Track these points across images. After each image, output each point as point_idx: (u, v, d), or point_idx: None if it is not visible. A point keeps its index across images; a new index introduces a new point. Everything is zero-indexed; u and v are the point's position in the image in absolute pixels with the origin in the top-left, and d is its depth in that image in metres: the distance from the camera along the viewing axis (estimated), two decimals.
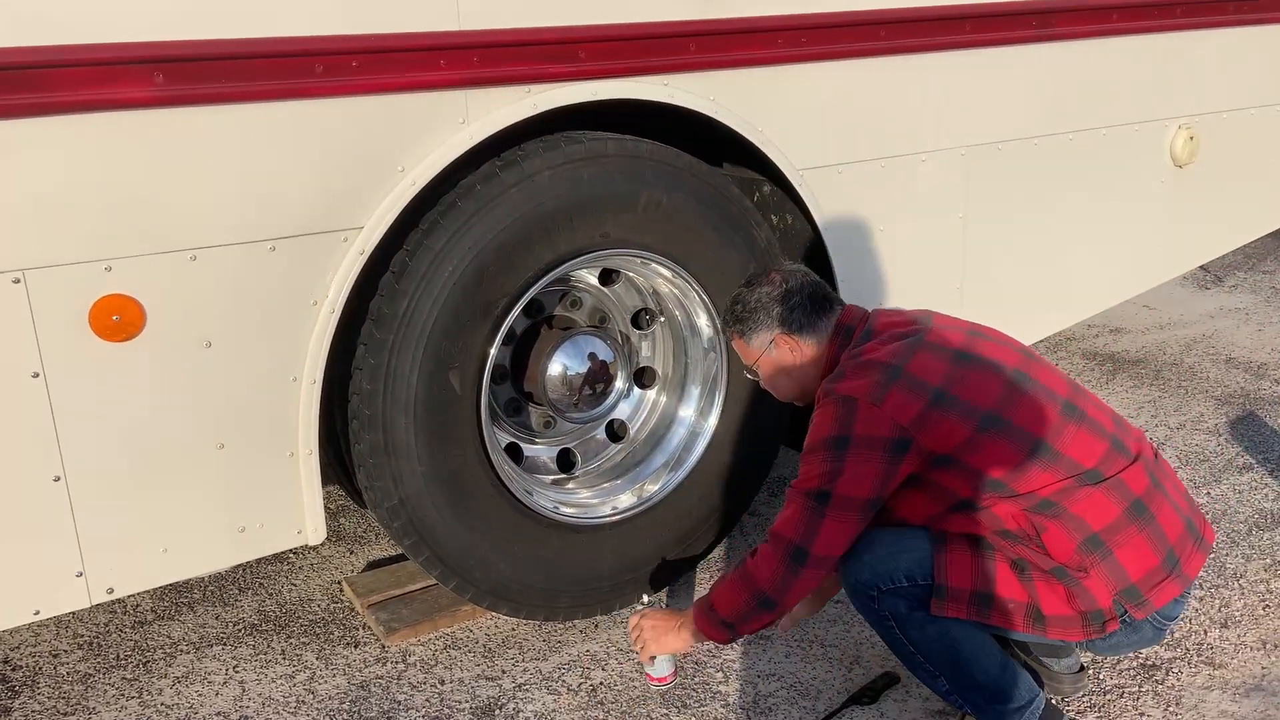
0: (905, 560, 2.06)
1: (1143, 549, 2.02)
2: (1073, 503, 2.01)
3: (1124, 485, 2.04)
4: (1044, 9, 3.01)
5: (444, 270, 2.29)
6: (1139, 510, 2.03)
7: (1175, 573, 2.04)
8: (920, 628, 2.08)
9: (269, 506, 2.28)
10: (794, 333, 2.17)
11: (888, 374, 2.01)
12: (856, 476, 1.98)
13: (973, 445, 2.00)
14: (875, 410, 1.97)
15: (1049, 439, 2.02)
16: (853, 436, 1.98)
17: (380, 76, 2.14)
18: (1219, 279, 5.59)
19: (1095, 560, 2.00)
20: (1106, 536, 2.00)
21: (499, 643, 2.67)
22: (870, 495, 2.00)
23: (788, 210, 2.91)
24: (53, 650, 2.70)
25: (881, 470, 1.98)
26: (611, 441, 2.87)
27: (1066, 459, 2.02)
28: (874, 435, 1.97)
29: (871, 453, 1.98)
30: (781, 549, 2.04)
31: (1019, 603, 2.04)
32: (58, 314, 1.96)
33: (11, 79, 1.82)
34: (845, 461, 1.98)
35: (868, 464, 1.98)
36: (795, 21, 2.59)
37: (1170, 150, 3.45)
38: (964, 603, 2.05)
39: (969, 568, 2.05)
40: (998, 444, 2.00)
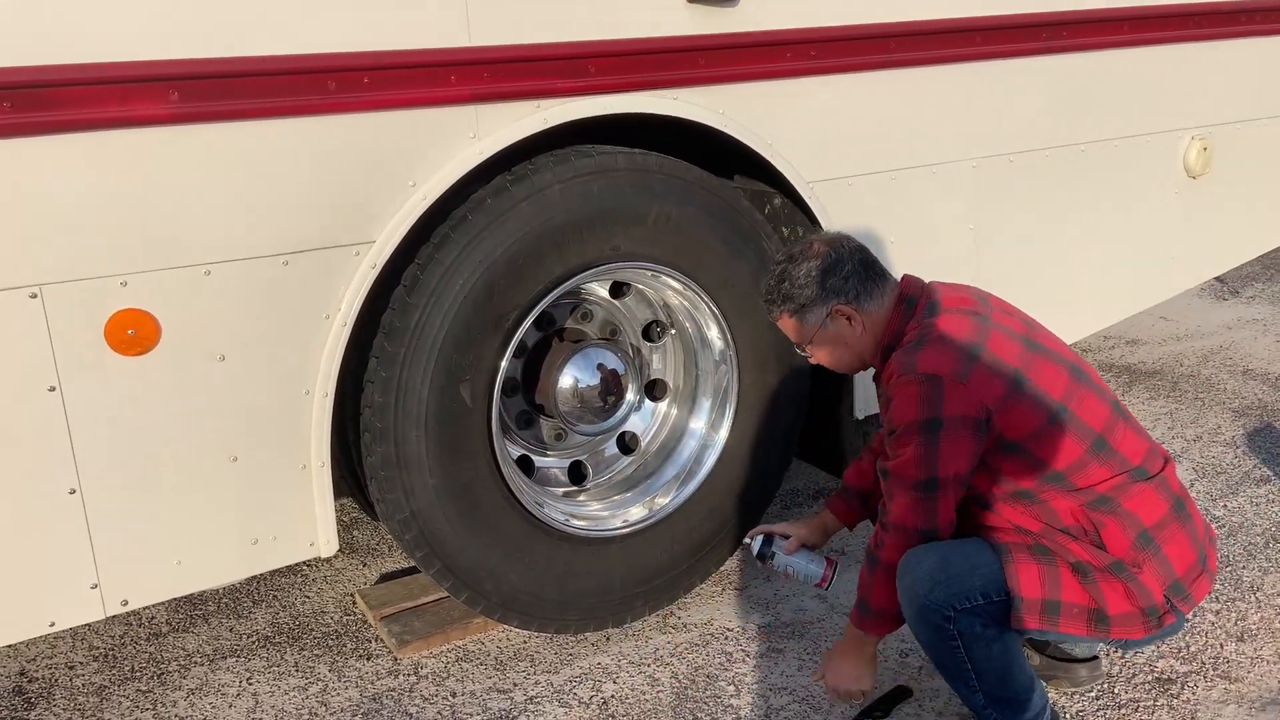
0: (979, 578, 2.04)
1: (1184, 545, 2.07)
2: (1127, 498, 2.05)
3: (1167, 483, 2.10)
4: (1055, 21, 3.01)
5: (455, 284, 2.31)
6: (1180, 508, 2.09)
7: (1205, 568, 2.11)
8: (987, 645, 2.07)
9: (281, 519, 2.29)
10: (851, 301, 2.11)
11: (968, 351, 2.01)
12: (954, 455, 1.99)
13: (1041, 436, 2.02)
14: (962, 389, 1.97)
15: (1105, 434, 2.06)
16: (944, 419, 1.98)
17: (392, 92, 2.16)
18: (1236, 290, 5.56)
19: (1148, 555, 2.04)
20: (1155, 532, 2.05)
21: (510, 655, 2.68)
22: (967, 469, 2.03)
23: (799, 223, 2.91)
24: (68, 662, 2.72)
25: (973, 447, 2.01)
26: (622, 454, 2.88)
27: (1119, 455, 2.06)
28: (964, 415, 1.98)
29: (964, 432, 1.99)
30: (914, 537, 2.06)
31: (1083, 607, 2.05)
32: (74, 328, 1.98)
33: (29, 97, 1.85)
34: (940, 444, 1.98)
35: (961, 442, 1.99)
36: (804, 35, 2.60)
37: (1184, 161, 3.44)
38: (1036, 613, 2.04)
39: (1037, 576, 2.05)
40: (1063, 436, 2.02)
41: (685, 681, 2.55)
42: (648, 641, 2.72)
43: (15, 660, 2.73)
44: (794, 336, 2.20)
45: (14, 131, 1.85)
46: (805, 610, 2.82)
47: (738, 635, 2.73)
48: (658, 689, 2.52)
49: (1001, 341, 2.05)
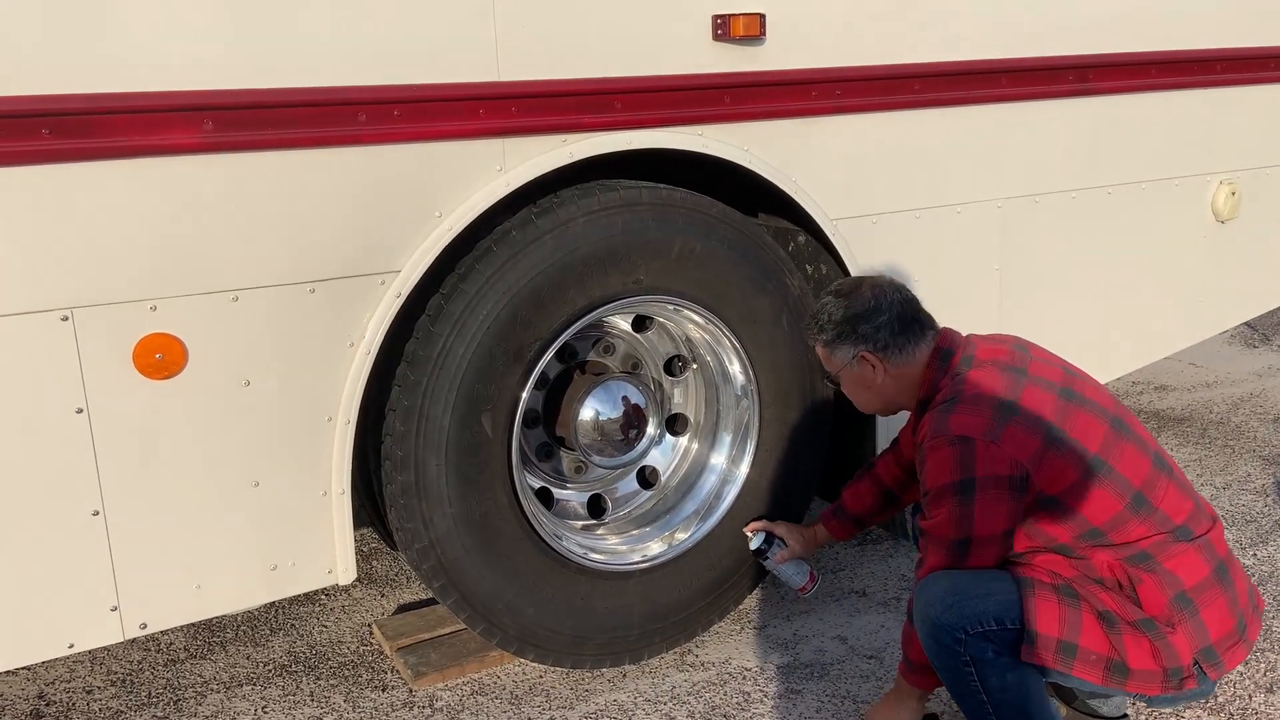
0: (994, 604, 2.03)
1: (1223, 611, 2.03)
2: (1167, 557, 2.02)
3: (1211, 546, 2.06)
4: (1082, 64, 3.02)
5: (478, 314, 2.33)
6: (1223, 572, 2.05)
7: (1243, 637, 2.06)
8: (1001, 674, 2.03)
9: (301, 545, 2.30)
10: (878, 351, 2.18)
11: (1001, 409, 2.01)
12: (989, 515, 2.00)
13: (1078, 491, 2.01)
14: (994, 449, 1.98)
15: (1145, 491, 2.04)
16: (977, 479, 1.98)
17: (421, 125, 2.19)
18: (1267, 337, 5.50)
19: (1184, 617, 2.00)
20: (1195, 595, 2.01)
21: (526, 690, 2.66)
22: (1005, 528, 2.03)
23: (822, 260, 2.92)
24: (86, 686, 2.73)
25: (1011, 506, 2.00)
26: (642, 488, 2.87)
27: (1160, 513, 2.04)
28: (998, 474, 1.98)
29: (999, 491, 1.99)
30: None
31: (1101, 655, 2.02)
32: (103, 351, 2.01)
33: (68, 124, 1.89)
34: (974, 505, 1.99)
35: (997, 503, 1.99)
36: (829, 74, 2.62)
37: (1212, 205, 3.42)
38: (1051, 651, 2.02)
39: (1057, 616, 2.02)
40: (1102, 491, 2.01)
41: None
42: (665, 679, 2.69)
43: (34, 683, 2.74)
44: (824, 365, 2.31)
45: (52, 158, 1.89)
46: (825, 651, 2.79)
47: (756, 675, 2.70)
48: None
49: (1036, 395, 2.04)
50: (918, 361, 2.17)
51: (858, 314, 2.18)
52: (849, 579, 3.15)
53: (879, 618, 2.94)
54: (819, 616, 2.96)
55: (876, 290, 2.20)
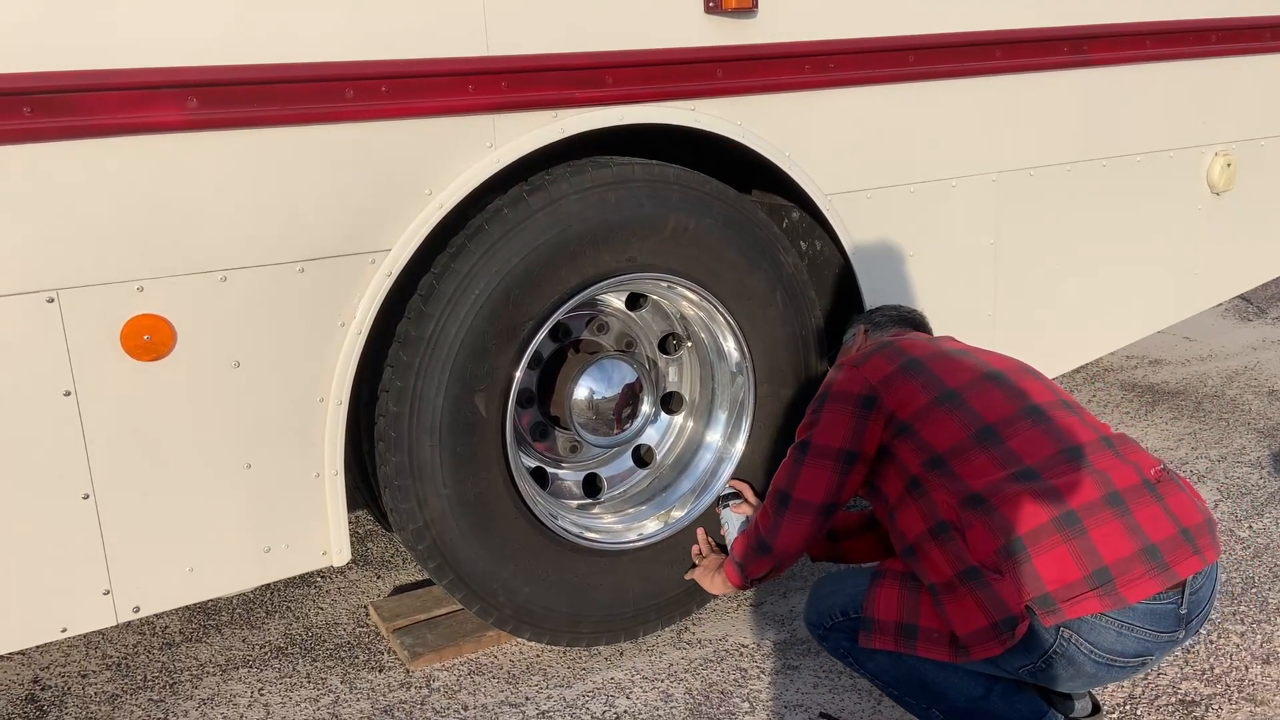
0: (841, 597, 2.17)
1: (1065, 559, 1.91)
2: (1002, 500, 1.97)
3: (1057, 492, 1.95)
4: (1077, 35, 3.00)
5: (470, 293, 2.30)
6: (1070, 520, 1.93)
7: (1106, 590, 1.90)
8: (870, 658, 2.15)
9: (294, 527, 2.28)
10: (869, 328, 2.51)
11: (880, 346, 2.25)
12: (829, 426, 2.17)
13: (926, 415, 2.11)
14: (853, 371, 2.20)
15: (999, 428, 2.06)
16: (830, 392, 2.21)
17: (409, 101, 2.16)
18: (1262, 310, 5.49)
19: (1013, 564, 1.93)
20: (1029, 541, 1.93)
21: (523, 669, 2.65)
22: (841, 446, 2.16)
23: (816, 236, 2.90)
24: (81, 670, 2.72)
25: (851, 423, 2.16)
26: (638, 467, 2.86)
27: (1007, 449, 2.04)
28: (847, 390, 2.18)
29: (843, 405, 2.17)
30: (772, 496, 2.26)
31: (942, 632, 2.03)
32: (90, 333, 1.98)
33: (49, 102, 1.86)
34: (821, 414, 2.20)
35: (839, 415, 2.17)
36: (823, 47, 2.60)
37: (1207, 177, 3.41)
38: (889, 634, 2.09)
39: (895, 600, 2.10)
40: (947, 418, 2.10)
41: (699, 698, 2.51)
42: (662, 656, 2.69)
43: (29, 668, 2.73)
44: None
45: (33, 136, 1.86)
46: None
47: (753, 652, 2.70)
48: (671, 705, 2.49)
49: (917, 341, 2.26)
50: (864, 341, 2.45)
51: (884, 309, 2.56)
52: None
53: None
54: None
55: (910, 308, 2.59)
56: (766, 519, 2.27)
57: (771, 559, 2.28)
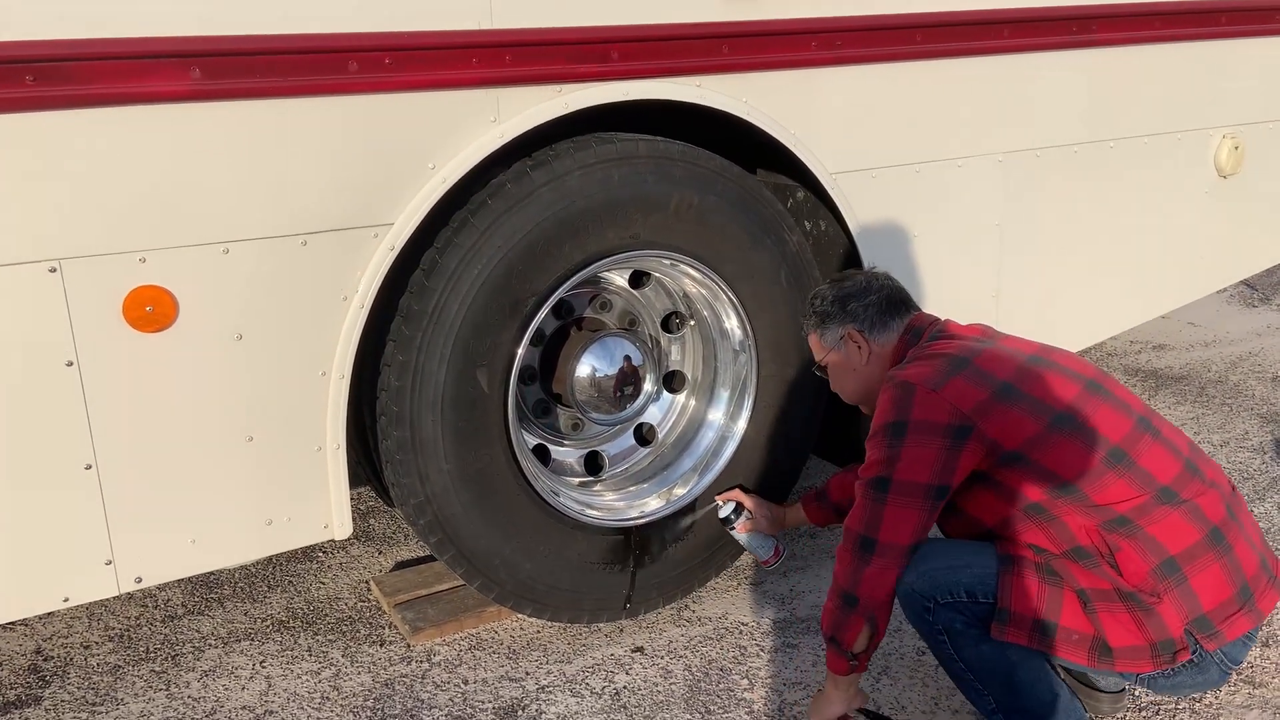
0: (968, 575, 2.00)
1: (1218, 577, 1.94)
2: (1149, 522, 1.94)
3: (1200, 511, 1.97)
4: (1084, 15, 2.97)
5: (473, 268, 2.30)
6: (1217, 539, 1.96)
7: (1249, 607, 1.97)
8: (975, 645, 2.01)
9: (296, 500, 2.29)
10: (864, 329, 2.18)
11: (952, 364, 2.01)
12: (914, 461, 1.95)
13: (1044, 443, 1.95)
14: (933, 395, 1.96)
15: (1124, 446, 1.96)
16: (910, 421, 1.96)
17: (413, 74, 2.15)
18: (1266, 297, 5.48)
19: (1170, 585, 1.93)
20: (1183, 561, 1.93)
21: (523, 644, 2.66)
22: (930, 481, 1.96)
23: (821, 216, 2.89)
24: (84, 642, 2.73)
25: (940, 456, 1.95)
26: (640, 445, 2.86)
27: (1142, 470, 1.95)
28: (931, 420, 1.95)
29: (929, 438, 1.95)
30: (851, 541, 2.03)
31: (1084, 635, 1.96)
32: (92, 303, 1.98)
33: (52, 71, 1.86)
34: (902, 447, 1.96)
35: (925, 449, 1.95)
36: (829, 24, 2.58)
37: (1215, 160, 3.39)
38: (1025, 630, 1.97)
39: (1034, 594, 1.97)
40: (1071, 444, 1.95)
41: (699, 674, 2.52)
42: (662, 634, 2.70)
43: (31, 639, 2.74)
44: (814, 354, 2.29)
45: (36, 105, 1.86)
46: (821, 606, 2.79)
47: (752, 630, 2.70)
48: (671, 681, 2.50)
49: (996, 357, 2.03)
50: (895, 338, 2.18)
51: (848, 293, 2.20)
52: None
53: None
54: (815, 573, 2.96)
55: (867, 275, 2.25)
56: (847, 568, 2.02)
57: (860, 613, 2.01)
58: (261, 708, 2.44)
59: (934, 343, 2.11)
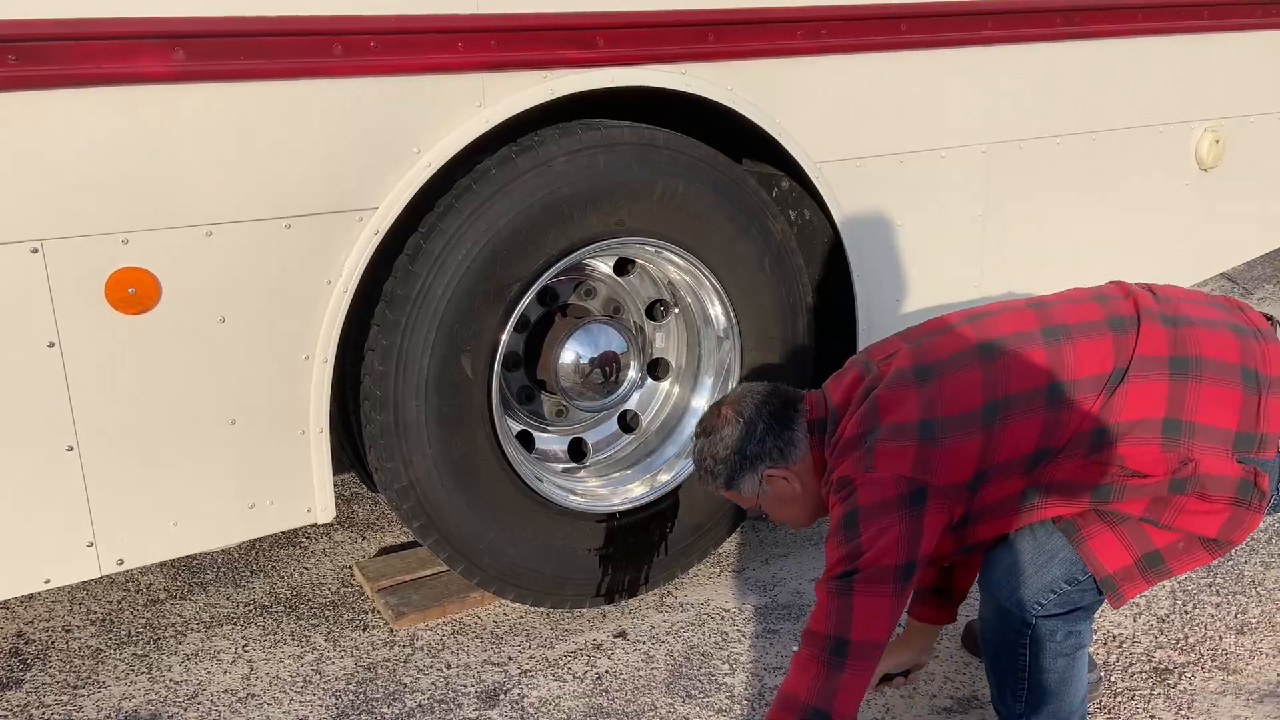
0: (1057, 565, 1.91)
1: (1214, 398, 1.80)
2: (1114, 415, 1.81)
3: (1147, 362, 1.83)
4: (1069, 7, 2.99)
5: (458, 253, 2.30)
6: (1180, 369, 1.82)
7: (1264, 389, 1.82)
8: (1054, 658, 1.95)
9: (279, 484, 2.29)
10: (776, 462, 1.98)
11: (864, 440, 1.86)
12: (878, 545, 1.78)
13: (991, 444, 1.83)
14: (869, 476, 1.82)
15: (1057, 378, 1.83)
16: (859, 509, 1.82)
17: (398, 58, 2.15)
18: (1248, 291, 5.52)
19: (1187, 443, 1.80)
20: (1172, 412, 1.80)
21: (506, 630, 2.67)
22: (901, 560, 1.78)
23: (805, 206, 2.90)
24: (65, 625, 2.73)
25: (904, 529, 1.79)
26: (624, 432, 2.87)
27: (1085, 380, 1.83)
28: (880, 499, 1.80)
29: (885, 516, 1.79)
30: (816, 648, 1.80)
31: (1186, 537, 1.85)
32: (74, 285, 1.98)
33: (34, 51, 1.85)
34: (860, 536, 1.80)
35: (886, 528, 1.79)
36: (815, 13, 2.59)
37: (1195, 153, 3.41)
38: (1136, 577, 1.88)
39: (1116, 541, 1.87)
40: (1015, 424, 1.83)
41: (680, 659, 2.54)
42: (644, 619, 2.71)
43: (13, 622, 2.74)
44: (741, 505, 2.10)
45: (18, 85, 1.85)
46: (803, 593, 2.81)
47: (734, 615, 2.72)
48: (652, 666, 2.52)
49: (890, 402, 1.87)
50: (806, 447, 1.98)
51: (738, 440, 1.97)
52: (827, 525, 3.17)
53: None
54: (797, 560, 2.98)
55: (737, 405, 2.00)
56: (814, 678, 1.78)
57: None
58: (244, 691, 2.45)
59: (837, 429, 1.95)
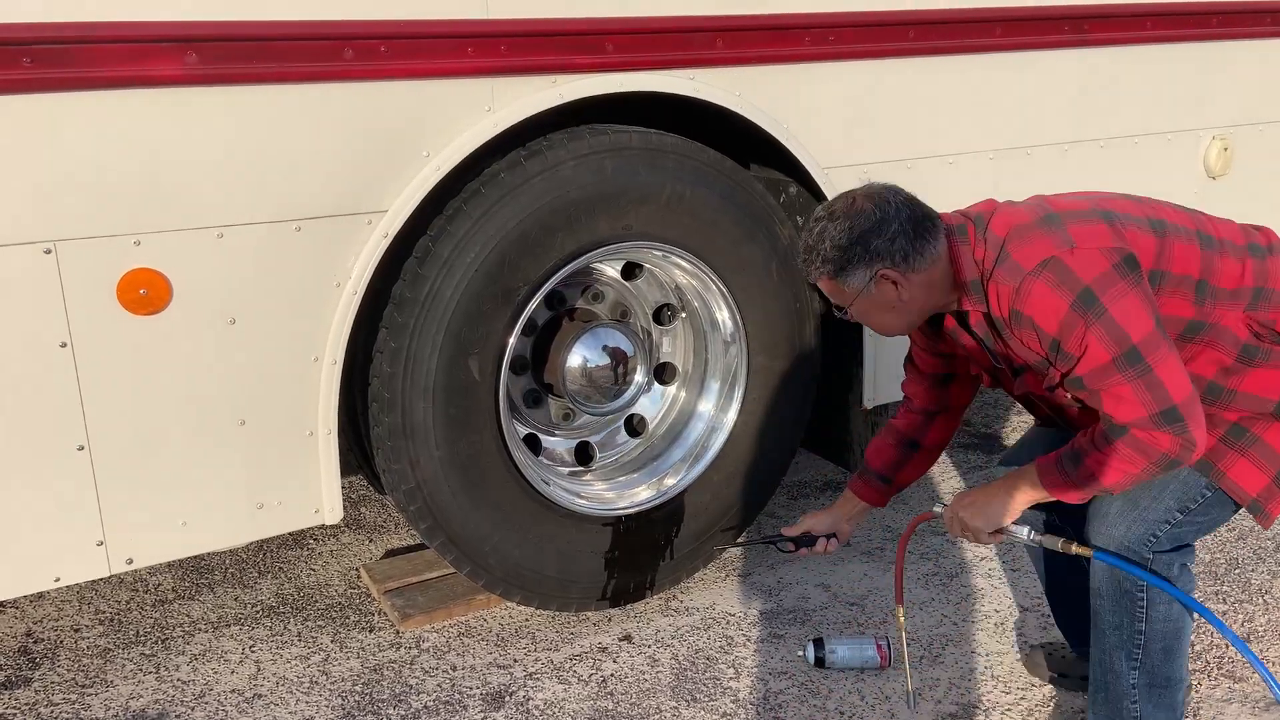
0: (1169, 495, 1.90)
1: None
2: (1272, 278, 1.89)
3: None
4: (1078, 14, 2.99)
5: (466, 256, 2.32)
6: None
7: None
8: (1169, 604, 1.94)
9: (287, 485, 2.30)
10: (897, 265, 1.86)
11: (1047, 222, 1.82)
12: (1129, 312, 1.75)
13: (1165, 250, 1.84)
14: (1077, 251, 1.77)
15: (1202, 228, 1.90)
16: (1089, 285, 1.75)
17: (409, 62, 2.17)
18: None
19: None
20: None
21: (512, 632, 2.68)
22: (1155, 322, 1.77)
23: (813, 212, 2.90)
24: (74, 625, 2.74)
25: (1138, 293, 1.77)
26: (630, 436, 2.87)
27: (1229, 242, 1.90)
28: (1102, 270, 1.76)
29: (1119, 284, 1.76)
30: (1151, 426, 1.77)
31: None
32: (87, 285, 2.00)
33: (49, 54, 1.87)
34: (1109, 310, 1.74)
35: (1125, 296, 1.76)
36: (823, 19, 2.60)
37: (1204, 161, 3.41)
38: (1277, 493, 1.89)
39: (1254, 466, 1.89)
40: (1178, 242, 1.85)
41: (685, 663, 2.54)
42: (649, 623, 2.72)
43: (22, 621, 2.76)
44: (833, 298, 1.98)
45: (33, 87, 1.87)
46: (808, 598, 2.82)
47: (739, 620, 2.72)
48: (657, 669, 2.52)
49: (1064, 199, 1.91)
50: (941, 256, 1.89)
51: (866, 230, 1.85)
52: None
53: (861, 566, 2.97)
54: (803, 565, 2.98)
55: (877, 199, 1.89)
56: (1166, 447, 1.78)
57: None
58: (250, 691, 2.46)
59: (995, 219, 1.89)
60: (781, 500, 3.35)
